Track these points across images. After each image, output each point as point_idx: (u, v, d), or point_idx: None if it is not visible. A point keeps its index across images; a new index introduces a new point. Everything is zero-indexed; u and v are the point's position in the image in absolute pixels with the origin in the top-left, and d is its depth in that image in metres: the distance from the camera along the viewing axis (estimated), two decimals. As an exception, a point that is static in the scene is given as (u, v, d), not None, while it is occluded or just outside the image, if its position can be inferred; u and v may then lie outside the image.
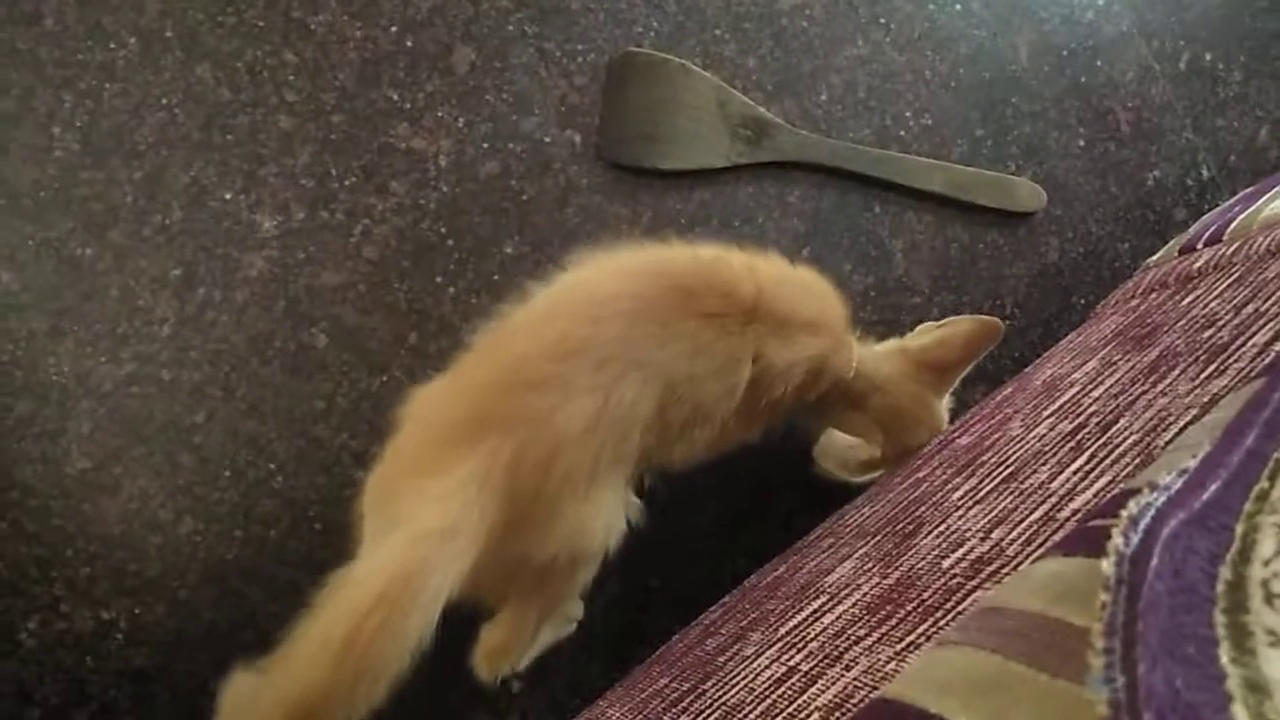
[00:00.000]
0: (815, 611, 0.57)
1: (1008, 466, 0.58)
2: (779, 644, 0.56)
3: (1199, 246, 0.80)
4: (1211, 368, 0.51)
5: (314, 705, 0.49)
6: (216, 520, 0.82)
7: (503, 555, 0.59)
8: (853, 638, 0.50)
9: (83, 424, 0.80)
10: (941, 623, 0.45)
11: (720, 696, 0.55)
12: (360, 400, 0.85)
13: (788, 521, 0.93)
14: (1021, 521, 0.49)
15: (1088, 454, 0.52)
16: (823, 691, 0.46)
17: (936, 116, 1.00)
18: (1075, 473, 0.50)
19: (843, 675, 0.46)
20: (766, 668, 0.54)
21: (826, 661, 0.49)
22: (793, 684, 0.50)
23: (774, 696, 0.50)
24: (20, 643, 0.78)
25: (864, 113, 0.98)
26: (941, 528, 0.56)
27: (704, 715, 0.54)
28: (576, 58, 0.92)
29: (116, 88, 0.83)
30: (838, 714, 0.43)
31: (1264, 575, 0.25)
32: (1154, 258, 0.91)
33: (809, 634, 0.54)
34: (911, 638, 0.45)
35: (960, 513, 0.56)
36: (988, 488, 0.57)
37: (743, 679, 0.55)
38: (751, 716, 0.49)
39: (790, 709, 0.47)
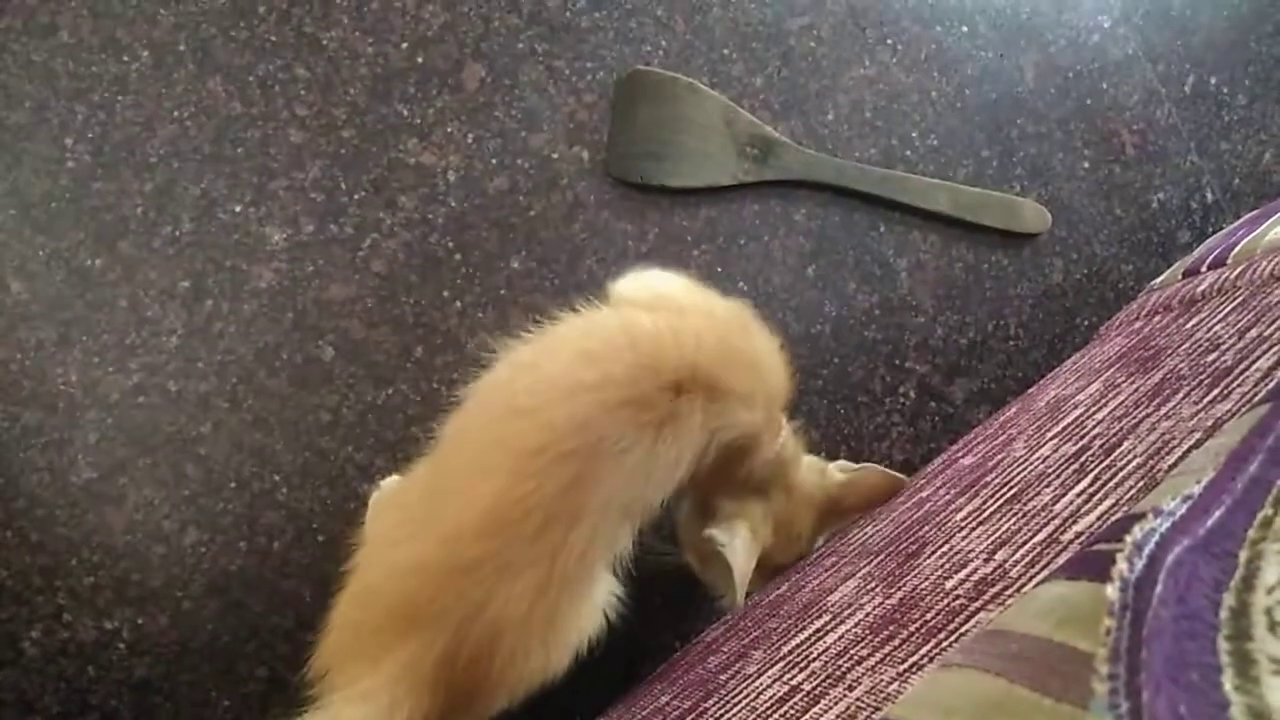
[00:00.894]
0: (818, 631, 0.57)
1: (1011, 488, 0.58)
2: (781, 663, 0.56)
3: (1203, 270, 0.80)
4: (1215, 392, 0.51)
5: None
6: (221, 531, 0.82)
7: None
8: (855, 658, 0.50)
9: (89, 434, 0.81)
10: (945, 644, 0.45)
11: (722, 715, 0.55)
12: (366, 413, 0.85)
13: (790, 539, 0.93)
14: (1025, 543, 0.49)
15: (1091, 476, 0.52)
16: (825, 711, 0.46)
17: (942, 137, 1.00)
18: (1079, 495, 0.51)
19: (845, 695, 0.46)
20: (769, 687, 0.54)
21: (829, 681, 0.49)
22: (795, 704, 0.50)
23: (776, 716, 0.50)
24: (23, 651, 0.78)
25: (870, 132, 0.99)
26: (945, 548, 0.56)
27: (706, 733, 0.54)
28: (585, 75, 0.93)
29: (129, 100, 0.84)
30: (841, 734, 0.43)
31: (1268, 603, 0.25)
32: (1158, 280, 0.91)
33: (811, 653, 0.54)
34: (915, 659, 0.45)
35: (964, 533, 0.56)
36: (991, 509, 0.57)
37: (745, 698, 0.55)
38: (754, 735, 0.49)
39: (793, 728, 0.47)
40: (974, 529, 0.55)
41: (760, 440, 0.68)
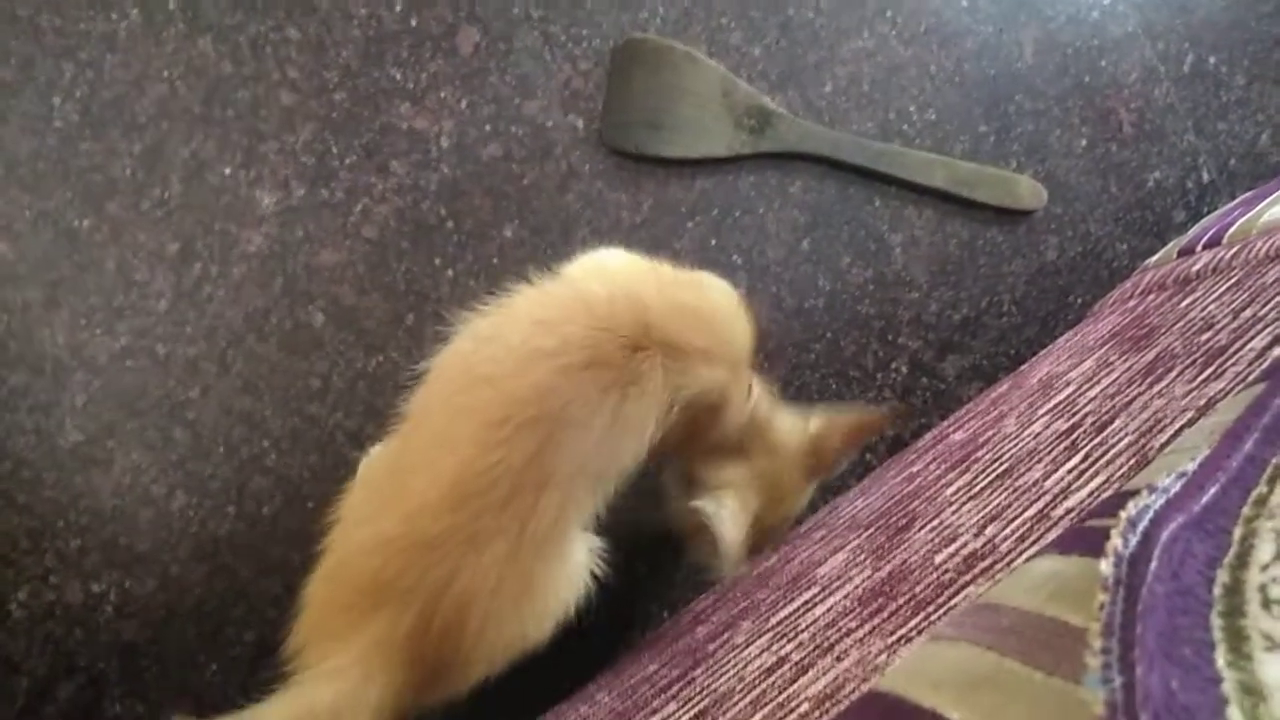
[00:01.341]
0: (807, 602, 0.57)
1: (1002, 463, 0.58)
2: (770, 633, 0.56)
3: (1198, 249, 0.80)
4: (1209, 371, 0.51)
5: None
6: (209, 496, 0.82)
7: (426, 692, 0.58)
8: (844, 629, 0.50)
9: (77, 397, 0.80)
10: (933, 617, 0.45)
11: (710, 684, 0.55)
12: (356, 380, 0.85)
13: (780, 512, 0.93)
14: (1015, 519, 0.49)
15: (1083, 453, 0.52)
16: (813, 682, 0.47)
17: (940, 111, 0.99)
18: (1070, 471, 0.51)
19: (834, 666, 0.47)
20: (757, 656, 0.54)
21: (818, 652, 0.49)
22: (783, 673, 0.50)
23: (764, 685, 0.50)
24: (9, 613, 0.78)
25: (868, 105, 0.98)
26: (935, 523, 0.56)
27: (693, 702, 0.54)
28: (581, 42, 0.92)
29: (118, 59, 0.83)
30: (828, 704, 0.44)
31: (1261, 580, 0.25)
32: (1153, 259, 0.91)
33: (800, 624, 0.54)
34: (903, 631, 0.46)
35: (954, 508, 0.56)
36: (982, 484, 0.57)
37: (733, 667, 0.55)
38: (741, 705, 0.50)
39: (780, 698, 0.47)
40: (964, 504, 0.56)
41: (728, 399, 0.67)
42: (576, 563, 0.61)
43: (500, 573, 0.56)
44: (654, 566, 0.88)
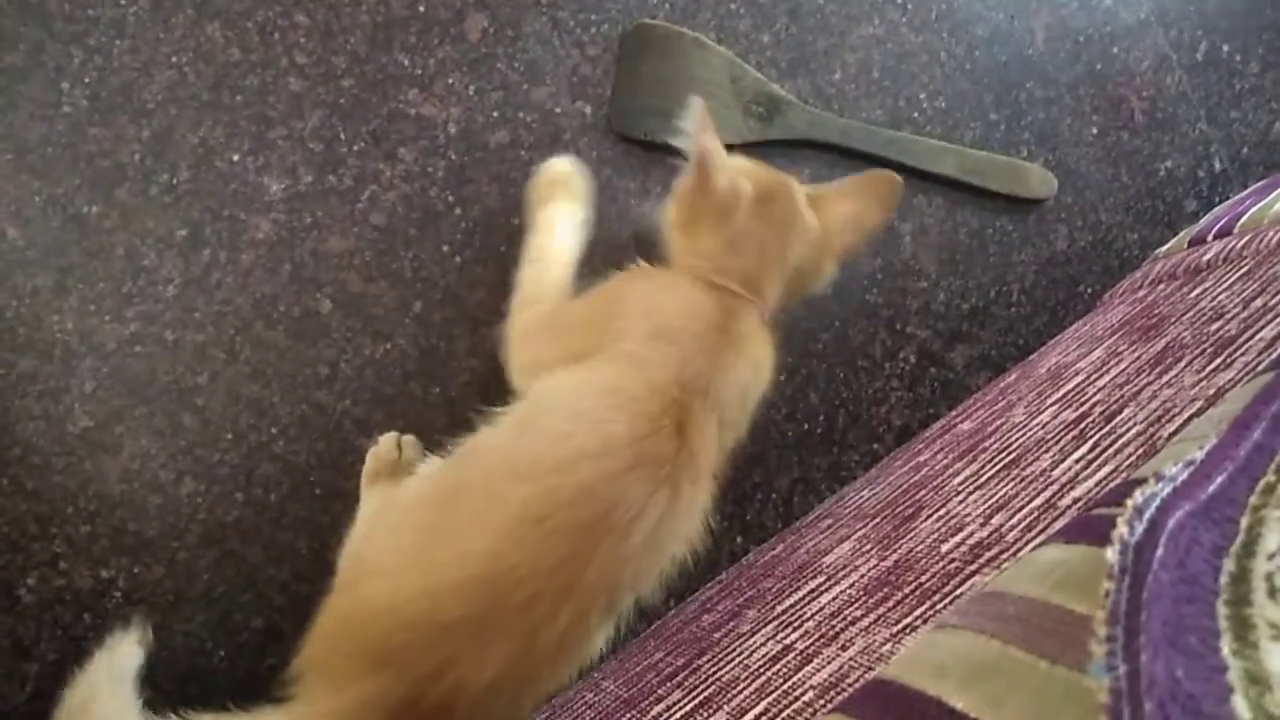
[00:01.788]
0: (812, 591, 0.57)
1: (1010, 453, 0.58)
2: (775, 622, 0.56)
3: (1209, 239, 0.79)
4: (1218, 360, 0.51)
5: None
6: (217, 482, 0.82)
7: None
8: (849, 618, 0.50)
9: (85, 382, 0.80)
10: (939, 606, 0.45)
11: (715, 672, 0.55)
12: (364, 367, 0.85)
13: (787, 501, 0.93)
14: (1022, 508, 0.49)
15: (1090, 443, 0.51)
16: (818, 670, 0.47)
17: (950, 99, 0.99)
18: (1077, 461, 0.50)
19: (839, 655, 0.47)
20: (762, 645, 0.54)
21: (822, 641, 0.49)
22: (788, 662, 0.50)
23: (768, 674, 0.50)
24: (19, 598, 0.78)
25: (878, 93, 0.97)
26: (941, 512, 0.56)
27: (698, 690, 0.54)
28: (590, 28, 0.91)
29: (126, 44, 0.83)
30: (832, 693, 0.44)
31: (1268, 569, 0.25)
32: (1163, 248, 0.90)
33: (805, 613, 0.54)
34: (909, 620, 0.46)
35: (960, 498, 0.56)
36: (989, 473, 0.57)
37: (738, 656, 0.55)
38: (746, 693, 0.50)
39: (785, 686, 0.47)
40: (971, 493, 0.55)
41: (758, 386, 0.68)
42: (586, 653, 0.59)
43: (501, 672, 0.54)
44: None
